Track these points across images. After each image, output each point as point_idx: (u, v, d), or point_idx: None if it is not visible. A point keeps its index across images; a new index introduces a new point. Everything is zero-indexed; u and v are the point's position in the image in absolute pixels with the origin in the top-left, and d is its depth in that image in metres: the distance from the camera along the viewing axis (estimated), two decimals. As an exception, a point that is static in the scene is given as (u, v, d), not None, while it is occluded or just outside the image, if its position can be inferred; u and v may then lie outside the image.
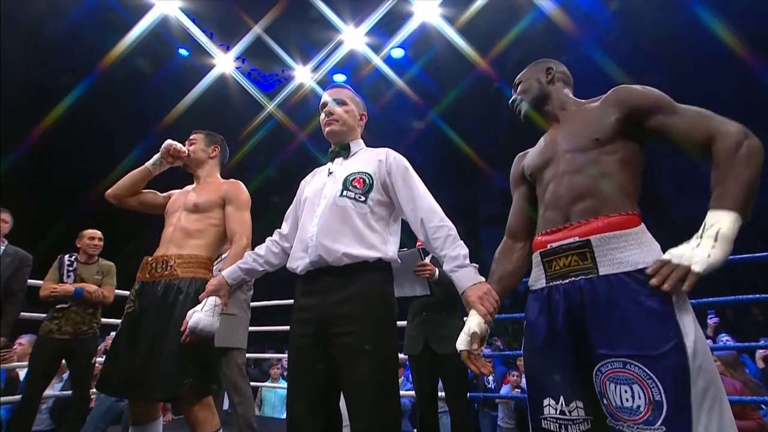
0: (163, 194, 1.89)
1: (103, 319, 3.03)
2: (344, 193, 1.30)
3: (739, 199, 0.85)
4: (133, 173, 1.81)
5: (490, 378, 4.04)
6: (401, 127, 9.39)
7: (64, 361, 2.87)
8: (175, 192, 1.88)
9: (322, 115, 1.44)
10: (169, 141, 1.79)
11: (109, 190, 1.81)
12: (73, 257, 2.97)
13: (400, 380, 4.29)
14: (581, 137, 1.06)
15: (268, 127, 8.83)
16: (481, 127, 9.08)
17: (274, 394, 4.69)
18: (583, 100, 1.20)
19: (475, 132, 8.98)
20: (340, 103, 1.44)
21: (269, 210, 1.52)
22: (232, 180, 1.84)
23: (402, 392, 3.60)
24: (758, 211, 0.93)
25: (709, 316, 3.65)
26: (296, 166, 1.58)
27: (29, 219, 6.21)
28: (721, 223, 0.85)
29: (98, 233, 3.06)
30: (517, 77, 1.30)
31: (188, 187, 1.87)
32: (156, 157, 1.81)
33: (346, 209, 1.28)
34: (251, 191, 1.84)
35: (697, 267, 0.84)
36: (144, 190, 1.86)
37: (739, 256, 2.19)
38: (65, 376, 3.51)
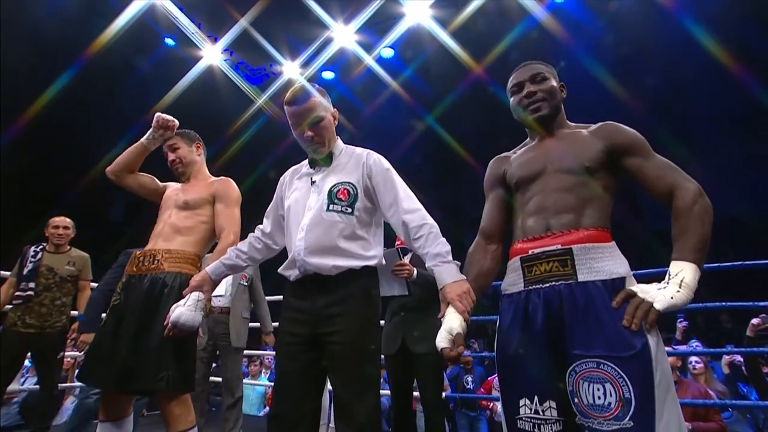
0: (162, 183, 1.90)
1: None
2: (331, 207, 1.31)
3: (699, 252, 0.99)
4: (130, 149, 1.80)
5: (469, 379, 4.07)
6: (389, 125, 9.41)
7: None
8: (171, 185, 1.89)
9: (303, 140, 1.36)
10: (157, 113, 1.78)
11: (109, 167, 1.81)
12: (40, 247, 2.87)
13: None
14: (573, 161, 1.13)
15: (258, 122, 8.74)
16: (471, 128, 9.16)
17: (253, 391, 4.64)
18: (572, 123, 1.25)
19: (465, 132, 9.05)
20: (317, 121, 1.34)
21: (260, 207, 1.53)
22: (222, 177, 1.85)
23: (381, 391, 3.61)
24: (721, 223, 1.00)
25: (679, 320, 3.77)
26: (287, 163, 1.57)
27: (12, 210, 6.02)
28: (684, 273, 0.97)
29: (65, 221, 2.94)
30: (535, 68, 1.23)
31: (181, 184, 1.87)
32: (150, 131, 1.80)
33: (334, 224, 1.29)
34: (242, 187, 1.86)
35: (659, 305, 0.95)
36: (142, 173, 1.86)
37: (708, 265, 2.27)
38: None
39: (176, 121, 1.81)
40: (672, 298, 0.95)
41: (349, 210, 1.30)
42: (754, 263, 2.33)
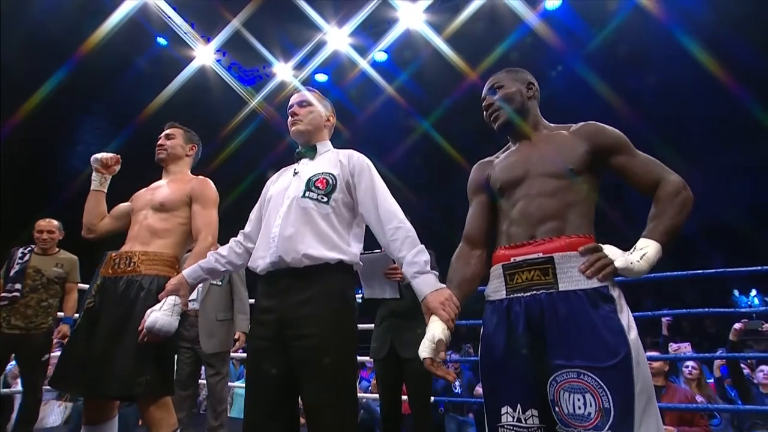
0: (129, 201, 1.86)
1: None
2: (307, 194, 1.30)
3: (667, 236, 1.04)
4: (87, 202, 1.80)
5: (457, 383, 4.09)
6: (383, 129, 9.43)
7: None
8: (140, 191, 1.84)
9: (289, 116, 1.45)
10: (94, 156, 1.76)
11: (83, 231, 1.81)
12: (28, 249, 2.85)
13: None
14: (556, 164, 1.12)
15: (251, 124, 8.70)
16: (464, 132, 9.21)
17: (242, 395, 4.60)
18: (551, 124, 1.25)
19: (458, 136, 9.09)
20: (305, 104, 1.44)
21: (252, 209, 1.51)
22: (200, 177, 1.82)
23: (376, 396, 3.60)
24: (712, 229, 1.03)
25: (664, 318, 3.83)
26: (280, 165, 1.58)
27: (2, 211, 5.91)
28: (649, 249, 1.03)
29: (50, 225, 2.90)
30: (493, 79, 1.28)
31: (156, 183, 1.83)
32: (94, 175, 1.78)
33: (308, 210, 1.28)
34: (235, 189, 1.84)
35: (618, 263, 1.01)
36: (109, 213, 1.83)
37: (695, 272, 2.32)
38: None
39: (117, 156, 1.78)
40: (632, 263, 1.00)
41: (325, 199, 1.29)
42: (737, 270, 2.37)
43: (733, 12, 6.64)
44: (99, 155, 1.75)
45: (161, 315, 1.36)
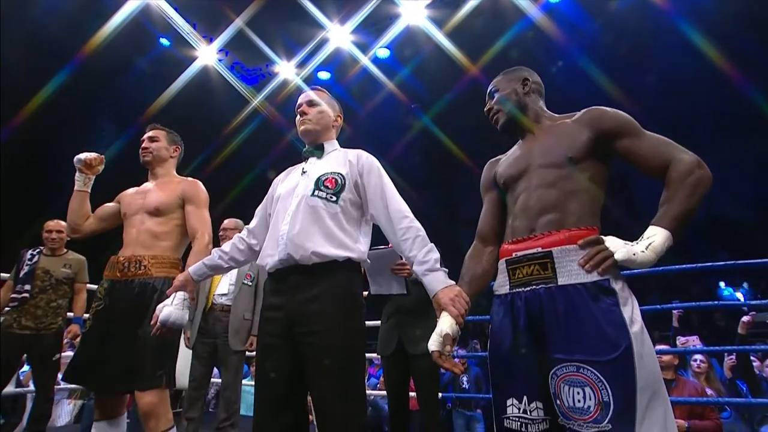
0: (114, 201, 1.88)
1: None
2: (315, 192, 1.31)
3: (678, 222, 0.97)
4: (71, 202, 1.82)
5: (464, 378, 4.09)
6: (385, 126, 9.42)
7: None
8: (127, 192, 1.87)
9: (297, 116, 1.46)
10: (78, 157, 1.78)
11: (68, 231, 1.87)
12: (37, 250, 2.89)
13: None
14: (555, 153, 1.11)
15: (254, 123, 8.71)
16: (466, 128, 9.18)
17: (252, 393, 4.63)
18: (556, 115, 1.24)
19: (460, 132, 9.06)
20: (314, 104, 1.45)
21: (255, 207, 1.53)
22: (189, 179, 1.86)
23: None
24: (715, 223, 1.00)
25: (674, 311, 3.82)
26: (282, 163, 1.59)
27: (9, 212, 5.96)
28: (656, 237, 0.97)
29: (59, 225, 2.91)
30: (492, 85, 1.31)
31: (144, 186, 1.86)
32: (78, 175, 1.80)
33: (316, 209, 1.29)
34: (238, 188, 1.88)
35: (618, 255, 0.97)
36: (94, 212, 1.85)
37: (700, 265, 2.32)
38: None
39: (101, 157, 1.80)
40: (635, 254, 0.95)
41: (334, 198, 1.30)
42: (745, 263, 2.36)
43: (737, 3, 6.58)
44: (82, 155, 1.77)
45: (174, 309, 1.42)
